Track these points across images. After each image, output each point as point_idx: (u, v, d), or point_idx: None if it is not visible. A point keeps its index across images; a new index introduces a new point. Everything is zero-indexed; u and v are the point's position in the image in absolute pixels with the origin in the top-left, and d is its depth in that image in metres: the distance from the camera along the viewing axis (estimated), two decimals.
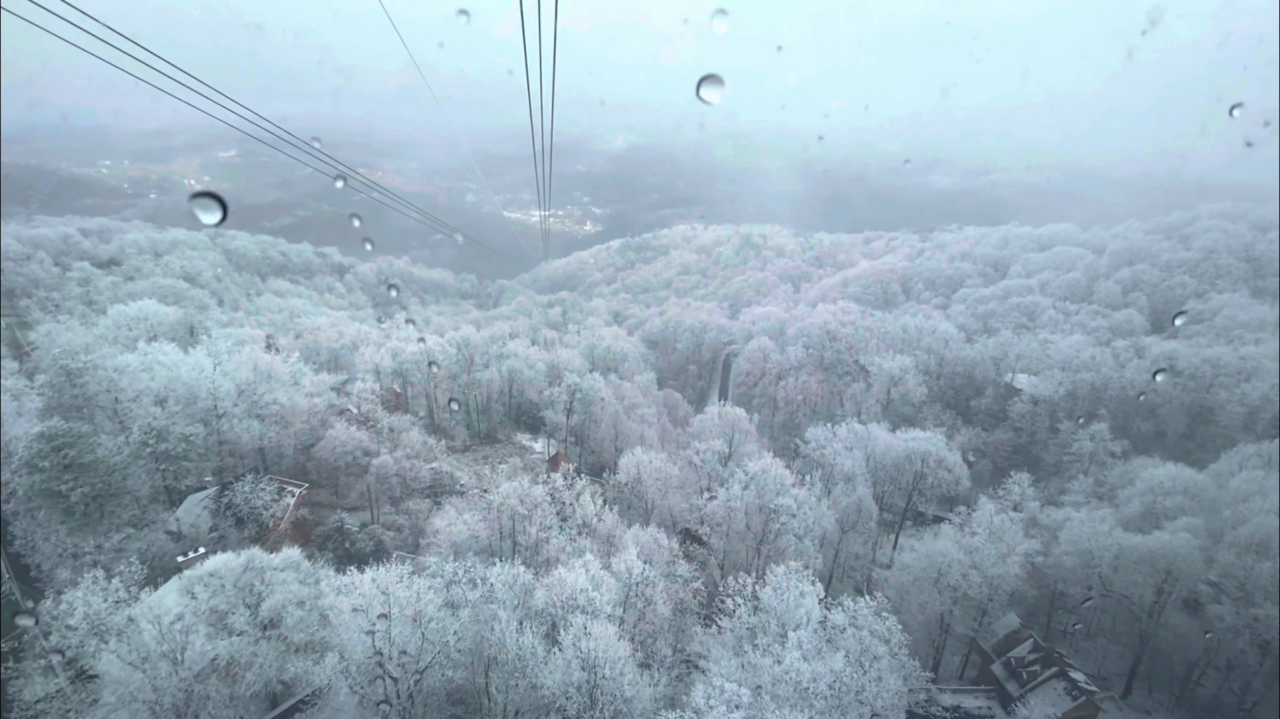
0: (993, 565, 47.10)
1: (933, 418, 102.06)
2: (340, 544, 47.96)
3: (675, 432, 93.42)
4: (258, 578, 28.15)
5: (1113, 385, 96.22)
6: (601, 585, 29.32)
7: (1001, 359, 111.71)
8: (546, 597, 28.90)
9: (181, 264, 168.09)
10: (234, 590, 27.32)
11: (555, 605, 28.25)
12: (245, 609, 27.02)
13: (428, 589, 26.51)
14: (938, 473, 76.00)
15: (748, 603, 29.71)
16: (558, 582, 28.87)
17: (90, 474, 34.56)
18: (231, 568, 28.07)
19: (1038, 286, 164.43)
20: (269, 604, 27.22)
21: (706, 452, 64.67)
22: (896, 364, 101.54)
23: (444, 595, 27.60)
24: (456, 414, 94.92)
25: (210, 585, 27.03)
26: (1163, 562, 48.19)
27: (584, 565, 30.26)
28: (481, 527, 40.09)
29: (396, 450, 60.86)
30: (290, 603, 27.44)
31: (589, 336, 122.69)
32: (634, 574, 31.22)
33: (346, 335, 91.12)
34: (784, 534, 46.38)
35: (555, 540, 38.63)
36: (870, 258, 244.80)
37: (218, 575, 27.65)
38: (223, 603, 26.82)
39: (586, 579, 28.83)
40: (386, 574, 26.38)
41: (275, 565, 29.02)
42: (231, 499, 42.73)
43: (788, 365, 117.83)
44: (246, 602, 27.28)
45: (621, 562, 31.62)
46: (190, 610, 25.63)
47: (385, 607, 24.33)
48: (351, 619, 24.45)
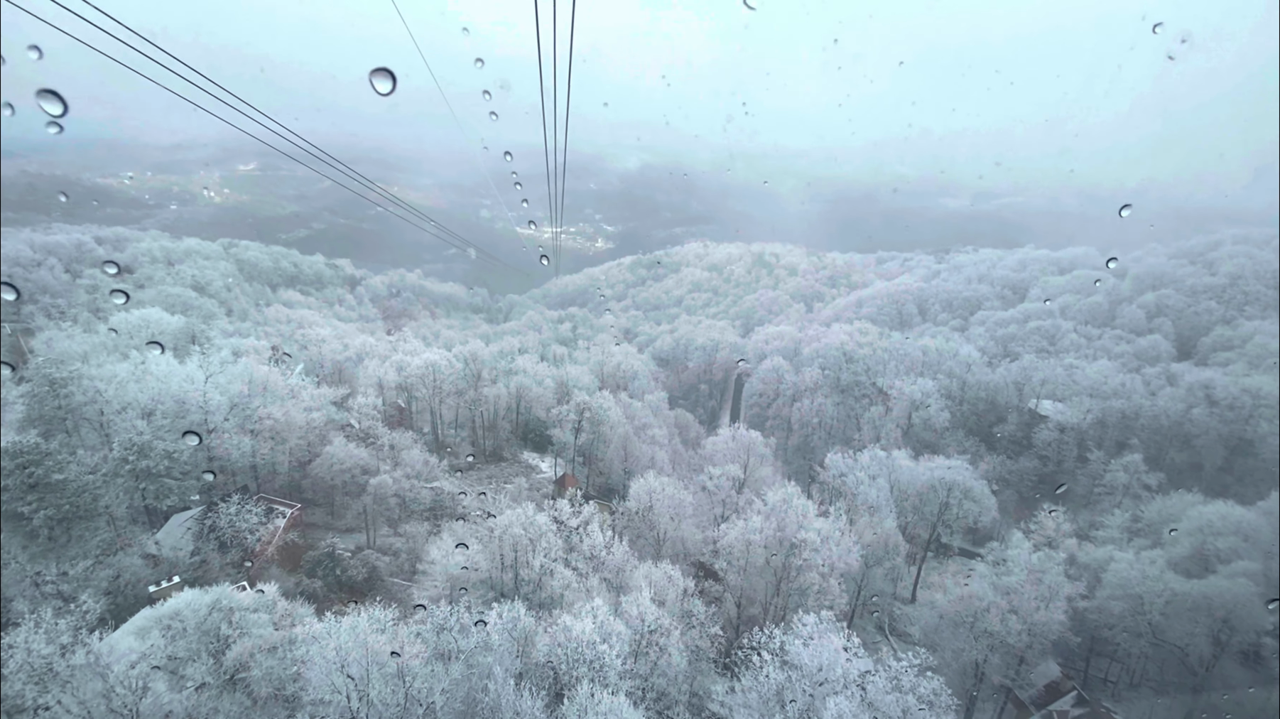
0: (1034, 610, 43.28)
1: (955, 444, 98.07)
2: (331, 571, 44.90)
3: (687, 454, 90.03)
4: (225, 620, 25.21)
5: (1144, 414, 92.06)
6: (611, 636, 26.12)
7: (1025, 384, 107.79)
8: (550, 647, 25.73)
9: (193, 273, 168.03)
10: (197, 635, 24.37)
11: (560, 659, 25.06)
12: (208, 657, 24.04)
13: (414, 638, 23.42)
14: (964, 504, 72.22)
15: (774, 657, 26.36)
16: (563, 631, 25.72)
17: (56, 495, 31.92)
18: (196, 608, 25.11)
19: (1058, 310, 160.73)
20: (236, 651, 24.22)
21: (721, 477, 61.30)
22: (918, 388, 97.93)
23: (433, 643, 24.54)
24: (461, 431, 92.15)
25: (173, 628, 24.10)
26: (1220, 609, 44.23)
27: (592, 612, 27.09)
28: (481, 557, 37.01)
29: (396, 469, 57.97)
30: (260, 650, 24.45)
31: (599, 353, 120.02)
32: (647, 621, 28.05)
33: (352, 348, 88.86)
34: (806, 571, 42.86)
35: (561, 574, 35.47)
36: (884, 278, 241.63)
37: (180, 617, 24.69)
38: (183, 649, 23.86)
39: (594, 628, 25.67)
40: (367, 621, 23.35)
41: (245, 605, 25.97)
42: (215, 521, 39.96)
43: (803, 387, 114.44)
44: (210, 648, 24.31)
45: (634, 606, 28.44)
46: (147, 658, 22.70)
47: (364, 662, 21.26)
48: (325, 674, 21.42)
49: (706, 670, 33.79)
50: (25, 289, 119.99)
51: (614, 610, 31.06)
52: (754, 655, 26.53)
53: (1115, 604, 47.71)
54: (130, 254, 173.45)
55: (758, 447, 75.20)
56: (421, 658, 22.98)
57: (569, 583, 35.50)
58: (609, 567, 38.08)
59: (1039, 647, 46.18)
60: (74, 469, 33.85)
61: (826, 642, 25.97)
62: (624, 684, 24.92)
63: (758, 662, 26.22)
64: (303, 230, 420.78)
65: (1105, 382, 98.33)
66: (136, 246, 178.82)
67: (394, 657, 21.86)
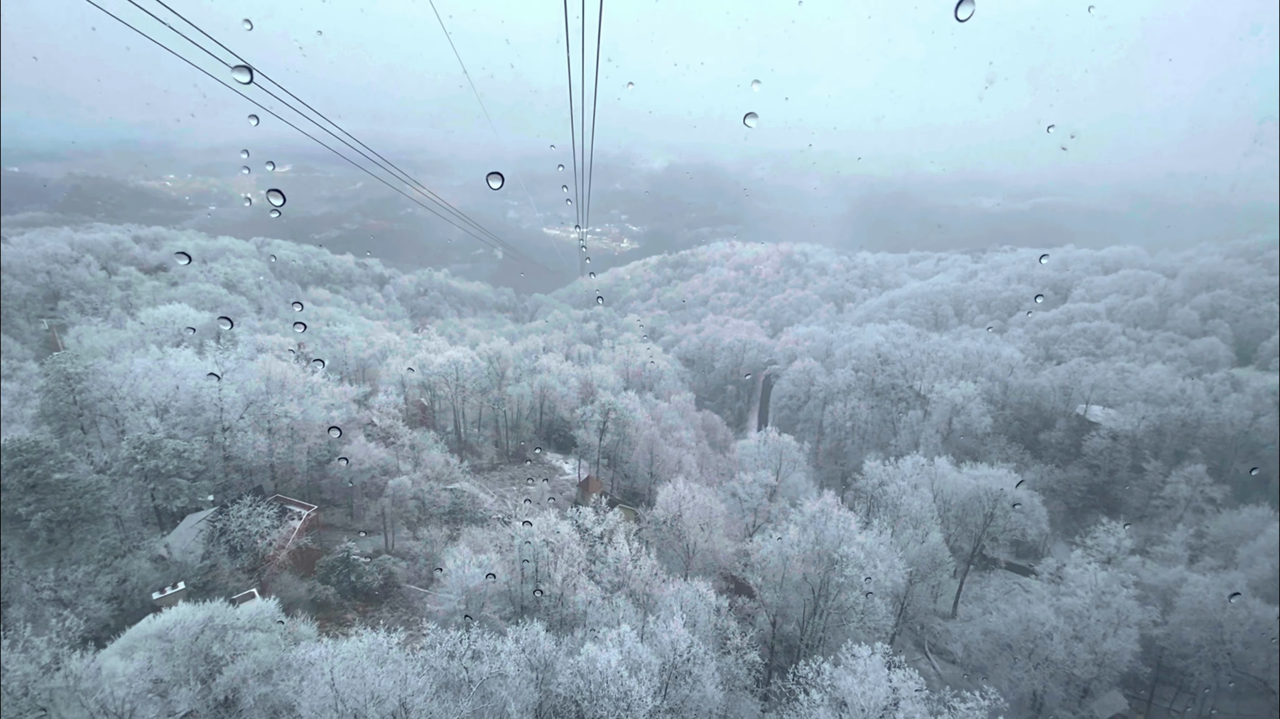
0: (1102, 638, 39.36)
1: (997, 451, 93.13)
2: (345, 577, 43.11)
3: (715, 457, 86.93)
4: (218, 640, 23.21)
5: (1207, 422, 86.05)
6: (640, 668, 23.47)
7: (1072, 388, 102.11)
8: (572, 679, 23.16)
9: (225, 271, 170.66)
10: (186, 656, 22.37)
11: (583, 694, 22.47)
12: (198, 682, 22.03)
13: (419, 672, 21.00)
14: (1010, 515, 67.90)
15: (823, 694, 23.36)
16: (587, 662, 23.10)
17: (56, 495, 30.52)
18: (187, 627, 23.13)
19: (1104, 311, 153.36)
20: (227, 676, 22.20)
21: (753, 484, 58.19)
22: (959, 391, 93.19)
23: (442, 672, 22.19)
24: (485, 430, 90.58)
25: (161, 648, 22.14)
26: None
27: (618, 640, 24.47)
28: (500, 568, 34.70)
29: (416, 470, 56.18)
30: (253, 675, 22.37)
31: (624, 353, 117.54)
32: (679, 650, 25.34)
33: (376, 345, 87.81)
34: (849, 589, 39.60)
35: (584, 589, 32.94)
36: (918, 278, 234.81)
37: (167, 636, 22.71)
38: (170, 672, 21.87)
39: (621, 658, 23.02)
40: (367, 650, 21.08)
41: (240, 624, 23.96)
42: (226, 524, 38.38)
43: (835, 389, 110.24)
44: (200, 672, 22.31)
45: (665, 633, 25.76)
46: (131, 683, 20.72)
47: (361, 698, 18.96)
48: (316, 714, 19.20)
49: (743, 699, 30.95)
50: (64, 286, 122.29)
51: (641, 635, 28.40)
52: (800, 693, 23.61)
53: (1190, 632, 43.41)
54: (166, 252, 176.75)
55: (790, 451, 71.88)
56: (426, 692, 20.60)
57: (593, 599, 32.95)
58: (635, 580, 35.44)
59: (1106, 678, 42.21)
60: (82, 468, 32.49)
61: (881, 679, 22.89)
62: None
63: (804, 702, 23.29)
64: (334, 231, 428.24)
65: (1162, 387, 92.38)
66: (172, 245, 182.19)
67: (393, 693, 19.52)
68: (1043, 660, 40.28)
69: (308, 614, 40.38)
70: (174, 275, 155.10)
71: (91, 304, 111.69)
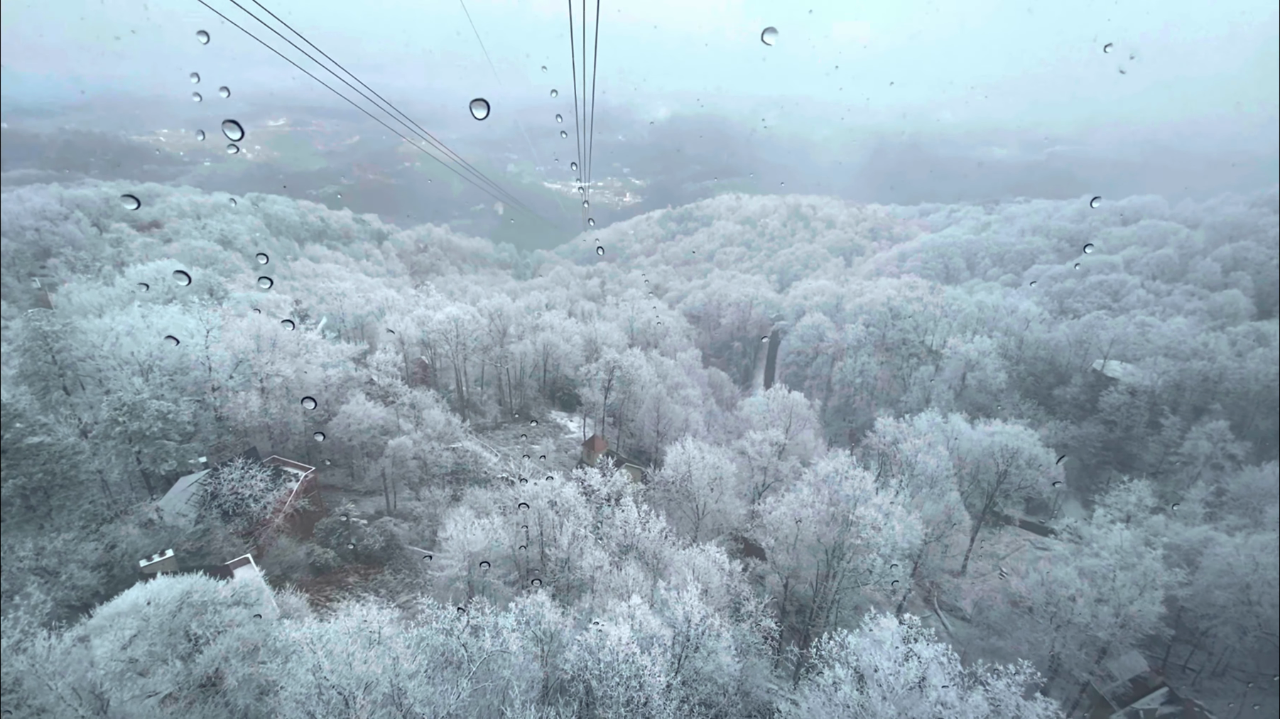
0: (1129, 602, 37.99)
1: (1011, 408, 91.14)
2: (345, 539, 41.89)
3: (723, 415, 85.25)
4: (196, 617, 21.67)
5: (1230, 377, 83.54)
6: (652, 643, 21.95)
7: (1089, 343, 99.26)
8: (580, 656, 21.67)
9: (220, 228, 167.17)
10: (163, 634, 20.85)
11: (592, 673, 20.98)
12: (177, 661, 20.59)
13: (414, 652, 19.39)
14: (1026, 472, 66.34)
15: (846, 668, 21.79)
16: (597, 638, 21.53)
17: (29, 461, 28.85)
18: (162, 603, 21.55)
19: (1123, 264, 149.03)
20: (208, 655, 20.73)
21: (762, 443, 56.44)
22: (974, 346, 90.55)
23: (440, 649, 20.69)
24: (488, 389, 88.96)
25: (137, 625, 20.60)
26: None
27: (628, 613, 22.90)
28: (504, 532, 33.17)
29: (417, 430, 54.51)
30: (236, 654, 20.91)
31: (628, 309, 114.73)
32: (694, 623, 23.83)
33: (374, 302, 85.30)
34: (865, 552, 38.12)
35: (592, 554, 31.46)
36: (929, 230, 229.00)
37: (139, 612, 21.09)
38: (145, 651, 20.38)
39: (632, 635, 21.46)
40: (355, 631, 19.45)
41: (221, 599, 22.34)
42: (217, 488, 36.87)
43: (845, 344, 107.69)
44: (179, 651, 20.85)
45: (678, 605, 24.20)
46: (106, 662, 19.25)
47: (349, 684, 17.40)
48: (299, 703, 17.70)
49: (758, 666, 29.81)
50: (54, 243, 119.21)
51: (652, 603, 26.88)
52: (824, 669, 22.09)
53: (1219, 594, 42.06)
54: (159, 209, 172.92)
55: (800, 408, 69.94)
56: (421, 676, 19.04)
57: (601, 563, 31.47)
58: (644, 544, 33.96)
59: (1127, 639, 41.11)
60: (62, 431, 30.73)
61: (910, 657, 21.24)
62: (669, 705, 20.81)
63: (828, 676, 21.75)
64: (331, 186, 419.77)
65: (1184, 341, 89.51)
66: (165, 201, 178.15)
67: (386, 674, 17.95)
68: (1064, 623, 39.10)
69: (306, 577, 39.29)
70: (167, 232, 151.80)
71: (82, 261, 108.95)
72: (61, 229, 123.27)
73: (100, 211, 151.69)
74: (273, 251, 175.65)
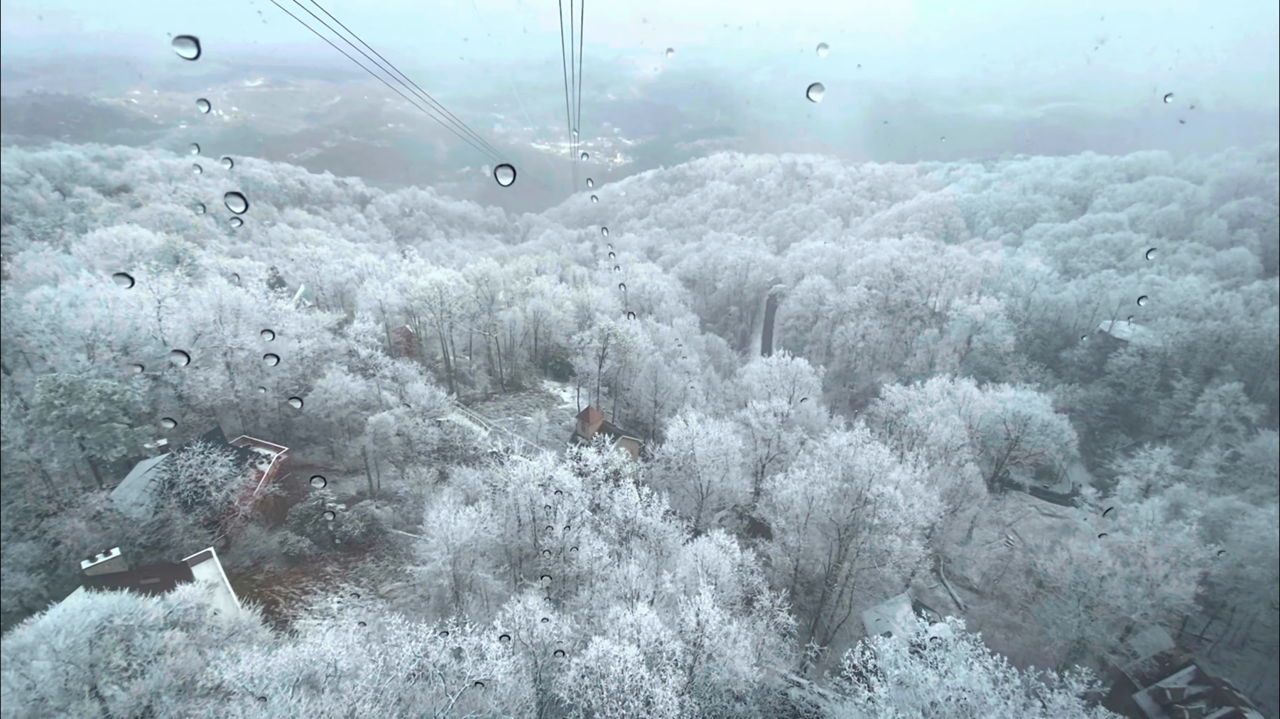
0: (1163, 579, 35.67)
1: (1019, 371, 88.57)
2: (322, 526, 38.78)
3: (722, 384, 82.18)
4: (122, 644, 18.41)
5: (1244, 337, 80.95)
6: (660, 657, 19.08)
7: (1099, 304, 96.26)
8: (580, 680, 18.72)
9: (194, 191, 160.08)
10: (76, 669, 17.64)
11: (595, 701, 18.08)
12: (92, 700, 17.39)
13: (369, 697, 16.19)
14: (1039, 439, 64.02)
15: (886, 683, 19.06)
16: (599, 660, 18.60)
17: None
18: (76, 632, 18.12)
19: (1127, 221, 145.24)
20: (133, 693, 17.54)
21: (766, 413, 53.38)
22: (981, 308, 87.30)
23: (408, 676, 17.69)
24: (477, 358, 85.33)
25: (45, 657, 17.31)
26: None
27: (634, 628, 19.91)
28: (491, 521, 30.12)
29: (399, 405, 51.02)
30: (169, 690, 17.76)
31: (622, 274, 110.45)
32: (708, 630, 21.00)
33: (353, 268, 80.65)
34: (884, 532, 35.42)
35: (590, 544, 28.51)
36: (929, 189, 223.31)
37: (46, 639, 17.62)
38: (56, 688, 17.11)
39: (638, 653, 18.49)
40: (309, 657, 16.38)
41: (151, 622, 19.01)
42: (175, 474, 33.48)
43: (846, 307, 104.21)
44: (100, 687, 17.65)
45: (690, 612, 21.31)
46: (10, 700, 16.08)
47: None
48: None
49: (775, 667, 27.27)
50: (12, 208, 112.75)
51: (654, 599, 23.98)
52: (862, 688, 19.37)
53: (1251, 569, 39.92)
54: (129, 172, 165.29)
55: (804, 375, 66.87)
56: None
57: (600, 554, 28.54)
58: (647, 529, 31.05)
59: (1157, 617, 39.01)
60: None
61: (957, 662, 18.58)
62: None
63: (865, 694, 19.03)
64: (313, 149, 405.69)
65: (1197, 301, 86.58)
66: (135, 164, 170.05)
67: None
68: (1094, 604, 36.86)
69: (280, 568, 36.27)
70: (136, 197, 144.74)
71: (40, 228, 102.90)
72: (21, 194, 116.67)
73: (64, 176, 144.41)
74: (249, 217, 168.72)
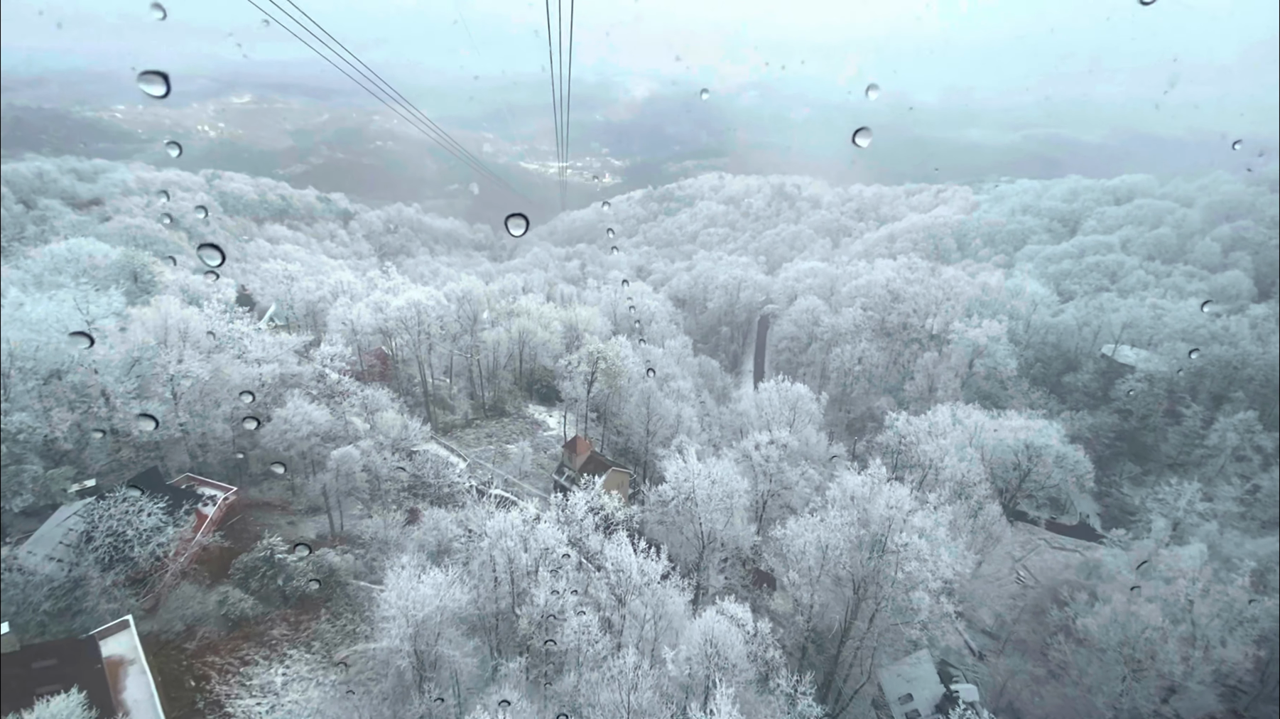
0: (1220, 641, 31.88)
1: (1021, 396, 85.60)
2: (271, 580, 33.93)
3: (718, 410, 78.19)
4: None
5: (1253, 363, 78.67)
6: None
7: (1100, 327, 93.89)
8: None
9: (168, 206, 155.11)
10: None
11: None
12: None
13: None
14: (1054, 471, 60.60)
15: None
16: None
17: None
18: None
19: (1119, 244, 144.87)
20: None
21: (769, 445, 49.38)
22: (983, 331, 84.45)
23: None
24: (458, 381, 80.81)
25: None
26: None
27: None
28: (460, 589, 25.63)
29: (366, 438, 46.43)
30: None
31: (611, 293, 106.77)
32: None
33: (326, 286, 76.06)
34: (909, 588, 31.35)
35: (575, 618, 24.16)
36: (917, 211, 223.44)
37: None
38: None
39: None
40: None
41: None
42: (90, 528, 28.69)
43: (842, 329, 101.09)
44: None
45: None
46: None
47: None
48: None
49: None
50: None
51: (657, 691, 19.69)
52: None
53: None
54: (102, 185, 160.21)
55: (805, 403, 63.16)
56: None
57: (588, 627, 24.16)
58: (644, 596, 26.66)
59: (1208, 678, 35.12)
60: None
61: None
62: None
63: None
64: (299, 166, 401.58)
65: (1202, 325, 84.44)
66: (109, 177, 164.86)
67: None
68: (1141, 667, 32.91)
69: (218, 632, 31.34)
70: (107, 210, 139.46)
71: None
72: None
73: (32, 188, 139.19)
74: (226, 232, 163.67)
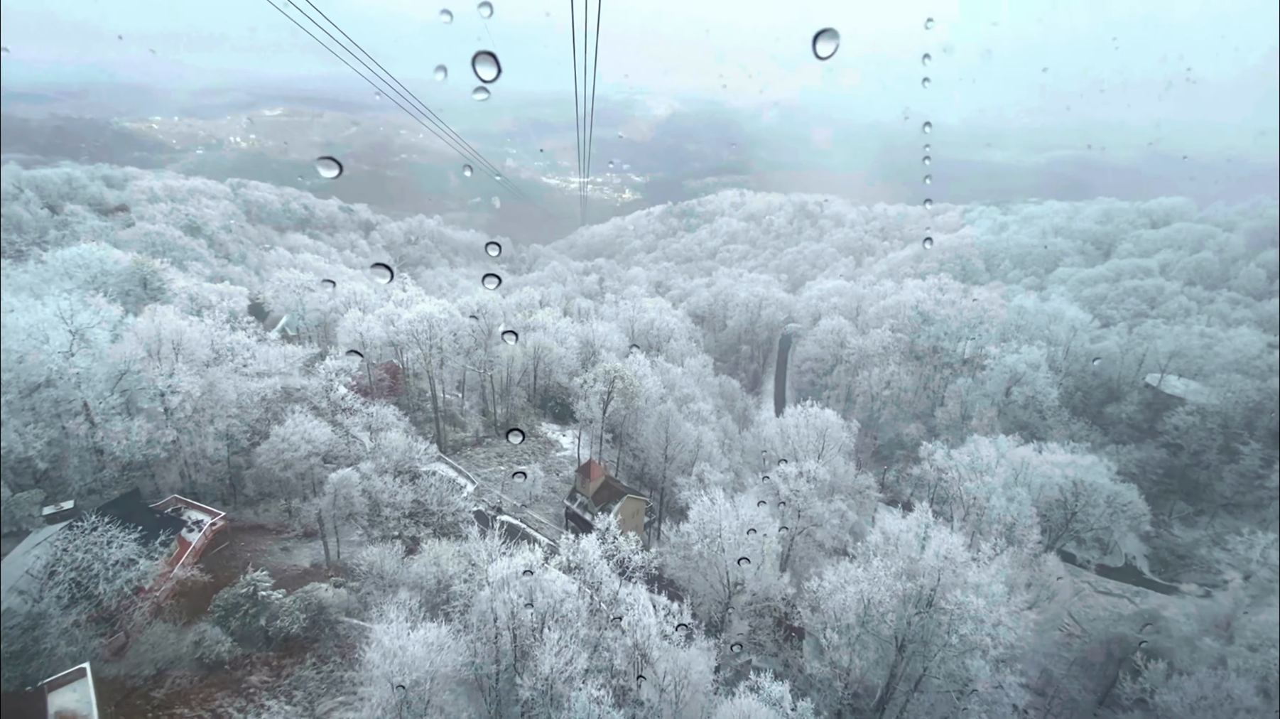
0: None
1: (1062, 427, 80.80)
2: (253, 619, 30.96)
3: (740, 435, 74.51)
4: None
5: None
6: None
7: (1144, 355, 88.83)
8: None
9: (191, 213, 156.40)
10: None
11: None
12: None
13: None
14: (1103, 513, 56.01)
15: None
16: None
17: None
18: None
19: (1157, 268, 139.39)
20: None
21: (799, 478, 45.70)
22: (1022, 357, 79.97)
23: None
24: (471, 396, 78.27)
25: None
26: None
27: None
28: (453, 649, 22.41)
29: (368, 460, 43.61)
30: None
31: (629, 308, 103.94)
32: None
33: (338, 296, 74.17)
34: (967, 655, 27.49)
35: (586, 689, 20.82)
36: (944, 231, 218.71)
37: None
38: None
39: None
40: None
41: None
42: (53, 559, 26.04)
43: (869, 352, 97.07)
44: None
45: None
46: None
47: None
48: None
49: None
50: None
51: None
52: None
53: None
54: (129, 192, 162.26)
55: (834, 430, 59.31)
56: None
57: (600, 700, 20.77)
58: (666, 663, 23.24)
59: None
60: None
61: None
62: None
63: None
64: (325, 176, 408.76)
65: (1259, 356, 79.24)
66: (136, 184, 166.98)
67: None
68: None
69: (190, 677, 28.37)
70: (131, 217, 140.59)
71: (15, 246, 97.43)
72: (8, 210, 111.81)
73: (60, 194, 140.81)
74: (248, 240, 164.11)
